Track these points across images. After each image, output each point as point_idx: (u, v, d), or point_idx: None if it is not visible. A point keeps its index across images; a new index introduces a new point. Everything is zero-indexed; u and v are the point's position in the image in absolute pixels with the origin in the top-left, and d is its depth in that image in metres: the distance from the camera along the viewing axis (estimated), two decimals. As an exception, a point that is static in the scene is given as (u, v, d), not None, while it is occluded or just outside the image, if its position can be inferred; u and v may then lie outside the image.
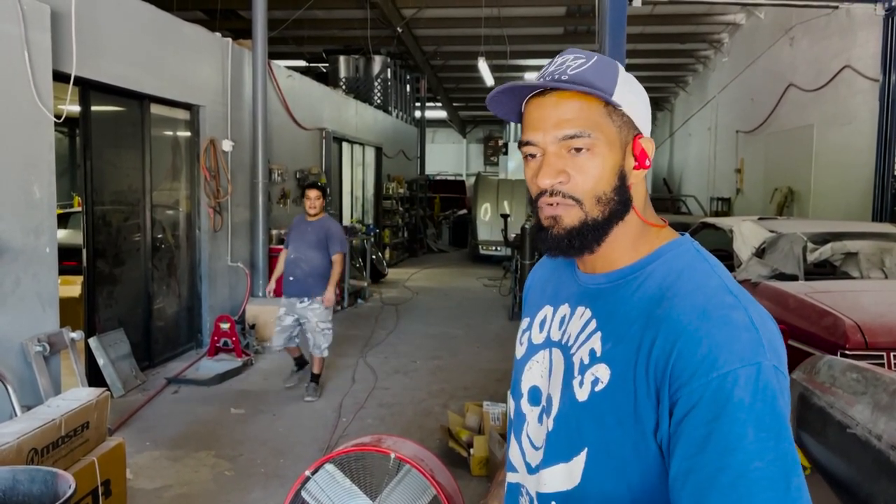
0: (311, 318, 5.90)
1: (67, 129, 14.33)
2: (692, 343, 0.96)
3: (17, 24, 4.42)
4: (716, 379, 0.93)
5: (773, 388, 0.94)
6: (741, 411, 0.91)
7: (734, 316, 0.98)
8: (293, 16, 11.63)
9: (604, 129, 1.06)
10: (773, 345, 0.97)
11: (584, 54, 1.09)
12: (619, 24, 6.19)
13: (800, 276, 5.05)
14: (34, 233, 4.65)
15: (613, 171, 1.07)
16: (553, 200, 1.08)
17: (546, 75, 1.09)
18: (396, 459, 2.61)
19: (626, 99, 1.08)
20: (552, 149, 1.07)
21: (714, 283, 1.03)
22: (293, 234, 6.03)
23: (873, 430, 2.65)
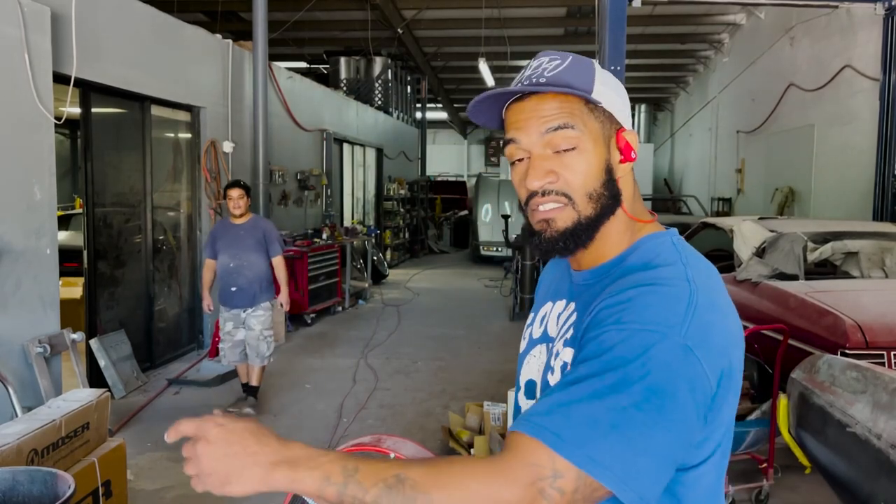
0: (254, 325, 5.51)
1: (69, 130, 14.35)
2: (611, 304, 0.97)
3: (18, 25, 4.42)
4: (612, 330, 0.93)
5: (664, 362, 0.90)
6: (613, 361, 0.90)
7: (668, 293, 0.96)
8: (294, 17, 11.64)
9: (587, 124, 1.07)
10: (701, 331, 0.94)
11: (559, 55, 1.10)
12: (619, 24, 6.20)
13: (800, 275, 5.05)
14: (35, 234, 4.66)
15: (601, 167, 1.07)
16: (545, 200, 1.07)
17: (524, 80, 1.09)
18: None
19: (604, 95, 1.08)
20: (538, 150, 1.07)
21: (674, 269, 1.02)
22: (222, 240, 5.51)
23: (873, 429, 2.65)
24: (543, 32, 14.57)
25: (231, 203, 5.44)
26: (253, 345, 5.52)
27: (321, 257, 9.28)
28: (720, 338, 0.97)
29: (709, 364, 0.94)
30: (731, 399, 1.02)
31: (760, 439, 4.04)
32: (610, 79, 1.11)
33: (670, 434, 0.89)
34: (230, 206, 5.47)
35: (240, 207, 5.43)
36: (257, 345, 5.52)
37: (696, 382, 0.92)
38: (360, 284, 10.98)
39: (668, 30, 14.21)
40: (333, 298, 9.72)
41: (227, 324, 5.56)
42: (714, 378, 0.96)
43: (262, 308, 5.53)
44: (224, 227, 5.60)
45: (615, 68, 6.17)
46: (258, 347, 5.53)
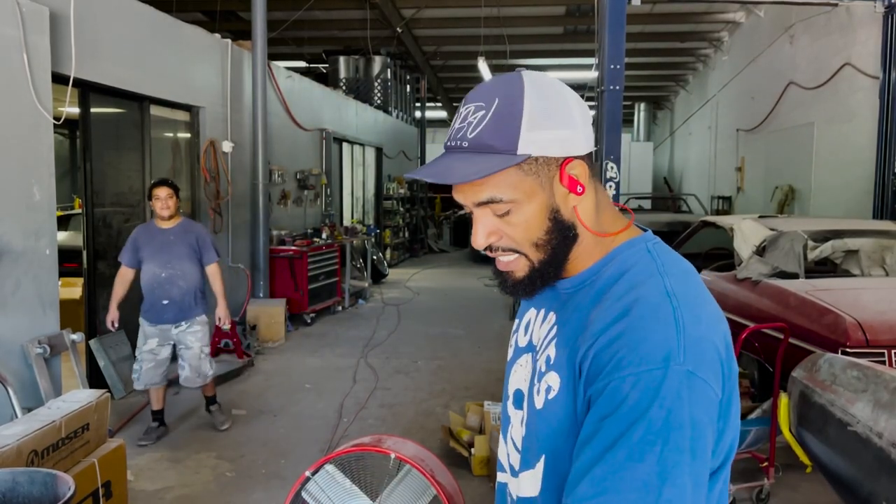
0: (192, 343, 4.97)
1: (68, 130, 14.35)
2: (605, 344, 0.97)
3: (16, 26, 4.42)
4: (617, 379, 0.94)
5: (676, 393, 0.91)
6: (633, 413, 0.91)
7: (653, 317, 0.96)
8: (293, 17, 11.63)
9: (517, 186, 1.03)
10: (695, 349, 0.95)
11: (485, 100, 1.03)
12: (619, 22, 6.19)
13: (800, 274, 5.04)
14: (34, 235, 4.65)
15: (543, 216, 1.05)
16: (497, 255, 1.10)
17: (452, 137, 1.05)
18: (396, 459, 2.61)
19: (535, 142, 1.02)
20: (477, 212, 1.07)
21: (653, 284, 1.01)
22: (148, 247, 4.89)
23: (874, 428, 2.65)
24: (543, 31, 14.56)
25: (158, 203, 4.86)
26: (194, 365, 4.99)
27: (321, 257, 9.28)
28: (711, 348, 0.97)
29: (712, 379, 0.95)
30: (735, 398, 1.03)
31: (761, 438, 4.04)
32: (546, 109, 1.03)
33: (702, 460, 0.93)
34: (157, 208, 4.88)
35: (168, 208, 4.86)
36: (199, 364, 5.01)
37: (708, 403, 0.95)
38: (360, 284, 10.98)
39: (667, 28, 14.21)
40: (333, 298, 9.72)
41: (150, 341, 4.93)
42: (718, 388, 0.97)
43: (198, 323, 5.00)
44: (149, 232, 4.97)
45: (615, 67, 6.16)
46: (200, 367, 5.01)
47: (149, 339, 4.94)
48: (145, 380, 4.94)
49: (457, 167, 1.02)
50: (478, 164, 1.01)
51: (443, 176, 1.02)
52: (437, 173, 1.03)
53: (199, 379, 5.04)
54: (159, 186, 4.92)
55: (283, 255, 8.75)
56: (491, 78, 1.10)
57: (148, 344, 4.94)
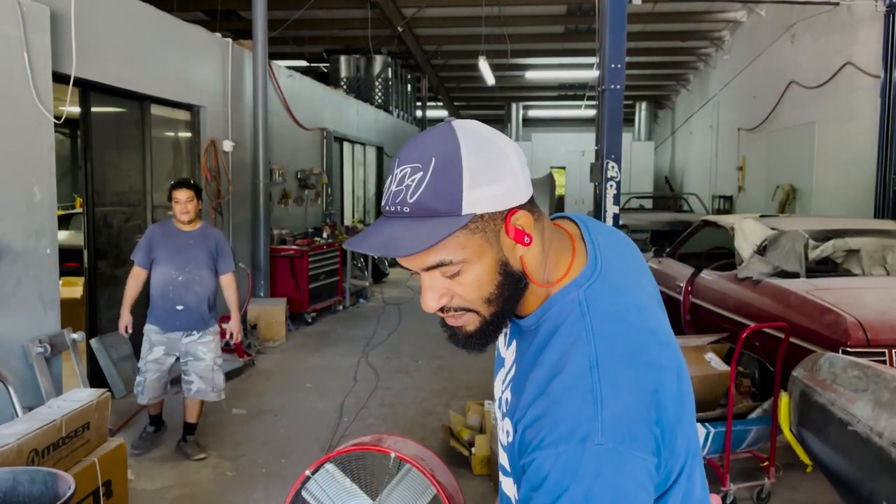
0: (204, 354, 4.63)
1: (68, 130, 14.36)
2: (531, 421, 0.99)
3: (17, 25, 4.42)
4: (539, 457, 0.95)
5: (595, 472, 0.92)
6: (556, 489, 0.93)
7: (573, 396, 0.96)
8: (294, 16, 11.63)
9: (466, 246, 1.01)
10: (615, 424, 0.94)
11: (421, 160, 0.99)
12: (620, 22, 6.18)
13: (801, 273, 5.04)
14: (35, 234, 4.65)
15: (492, 271, 1.04)
16: (447, 316, 1.09)
17: (390, 202, 1.01)
18: (397, 459, 2.61)
19: (479, 199, 0.99)
20: (425, 276, 1.05)
21: (577, 350, 1.00)
22: (164, 248, 4.60)
23: (874, 427, 2.64)
24: (544, 30, 14.55)
25: (178, 207, 4.53)
26: (206, 377, 4.64)
27: (322, 256, 9.28)
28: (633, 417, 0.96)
29: (639, 447, 0.95)
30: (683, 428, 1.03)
31: (762, 438, 4.04)
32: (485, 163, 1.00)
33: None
34: (177, 211, 4.55)
35: (188, 213, 4.54)
36: (212, 377, 4.66)
37: (636, 471, 0.95)
38: (361, 283, 10.98)
39: (668, 27, 14.19)
40: (334, 297, 9.72)
41: (157, 349, 4.59)
42: (649, 451, 0.96)
43: (211, 333, 4.69)
44: (167, 232, 4.65)
45: (615, 66, 6.16)
46: (213, 379, 4.67)
47: (155, 347, 4.60)
48: (150, 394, 4.62)
49: (401, 237, 0.98)
50: (422, 231, 0.97)
51: (388, 249, 0.98)
52: (382, 245, 0.99)
53: (213, 393, 4.69)
54: (179, 188, 4.55)
55: (283, 254, 8.75)
56: (421, 134, 1.05)
57: (154, 353, 4.60)
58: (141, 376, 4.63)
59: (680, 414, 1.02)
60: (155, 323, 4.61)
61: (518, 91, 21.57)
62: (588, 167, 6.73)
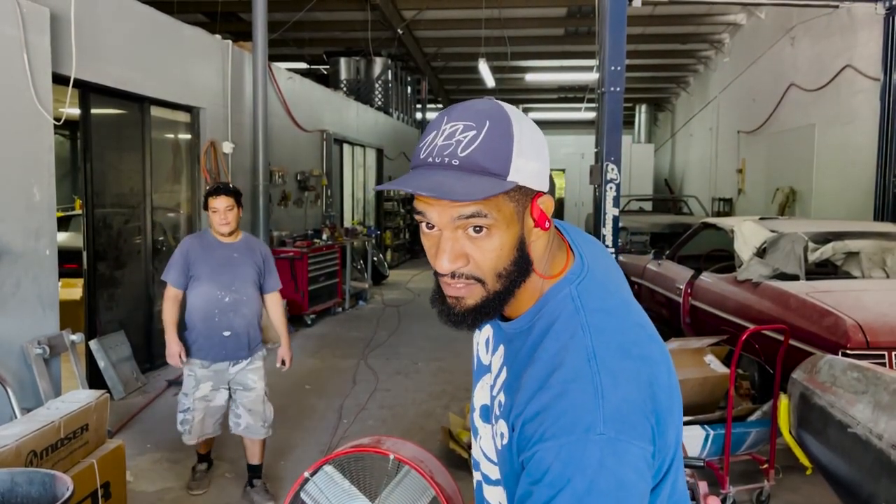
0: (255, 383, 4.06)
1: (68, 131, 14.36)
2: (531, 415, 0.99)
3: (16, 26, 4.42)
4: (541, 450, 0.96)
5: (598, 462, 0.93)
6: (558, 482, 0.94)
7: (573, 387, 0.97)
8: (294, 18, 11.64)
9: (501, 208, 1.02)
10: (615, 415, 0.95)
11: (476, 120, 1.01)
12: (620, 24, 6.19)
13: (801, 275, 5.04)
14: (34, 235, 4.65)
15: (513, 245, 1.04)
16: (455, 282, 1.06)
17: (435, 154, 1.01)
18: (395, 461, 2.61)
19: (522, 169, 1.01)
20: (448, 231, 1.03)
21: (575, 344, 1.01)
22: (205, 264, 3.93)
23: (874, 430, 2.64)
24: (544, 33, 14.56)
25: (216, 217, 3.89)
26: (256, 410, 4.06)
27: (321, 258, 9.28)
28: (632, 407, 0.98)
29: (638, 437, 0.97)
30: (674, 420, 1.04)
31: (761, 440, 4.03)
32: (529, 139, 1.03)
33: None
34: (215, 221, 3.90)
35: (229, 223, 3.91)
36: (262, 409, 4.09)
37: (636, 461, 0.96)
38: (361, 285, 10.98)
39: (668, 30, 14.20)
40: (334, 299, 9.72)
41: (204, 385, 3.97)
42: (647, 441, 0.98)
43: (259, 358, 4.14)
44: (205, 245, 3.99)
45: (615, 68, 6.16)
46: (264, 412, 4.10)
47: (201, 383, 3.95)
48: (198, 432, 4.02)
49: (452, 184, 0.98)
50: (473, 184, 0.98)
51: (440, 191, 0.98)
52: (432, 187, 0.99)
53: (263, 428, 4.10)
54: (217, 195, 3.89)
55: (283, 256, 8.75)
56: (469, 101, 1.06)
57: (200, 389, 3.95)
58: (187, 414, 3.98)
59: (671, 406, 1.03)
60: (197, 355, 3.94)
61: (518, 93, 21.58)
62: (588, 169, 6.73)
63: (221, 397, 4.02)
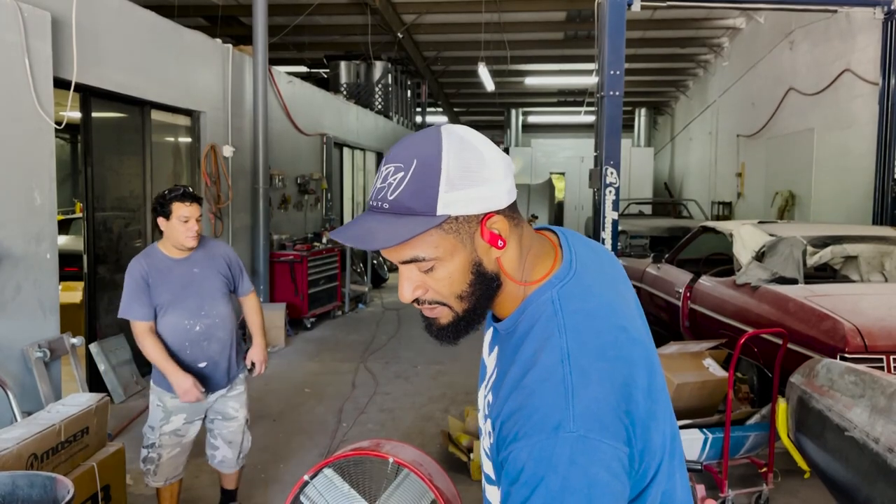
0: (237, 412, 3.59)
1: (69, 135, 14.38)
2: (507, 415, 1.03)
3: (18, 31, 4.44)
4: (515, 450, 0.99)
5: (569, 460, 0.95)
6: (532, 480, 0.96)
7: (544, 387, 1.00)
8: (294, 22, 11.67)
9: (439, 245, 1.06)
10: (586, 413, 0.97)
11: (404, 161, 1.05)
12: (619, 28, 6.21)
13: (799, 279, 5.05)
14: (35, 239, 4.66)
15: (465, 269, 1.09)
16: (422, 307, 1.13)
17: (374, 197, 1.08)
18: (395, 464, 2.62)
19: (453, 201, 1.04)
20: (402, 268, 1.11)
21: (550, 346, 1.04)
22: (165, 289, 3.33)
23: (871, 433, 2.65)
24: (543, 37, 14.59)
25: (183, 229, 3.31)
26: (235, 441, 3.61)
27: (321, 261, 9.29)
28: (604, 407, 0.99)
29: (610, 436, 0.98)
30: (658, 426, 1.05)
31: (760, 443, 4.04)
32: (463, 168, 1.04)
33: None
34: (180, 234, 3.31)
35: (195, 237, 3.36)
36: (240, 440, 3.63)
37: (608, 460, 0.97)
38: (360, 288, 10.99)
39: (667, 34, 14.23)
40: (333, 302, 9.73)
41: (176, 418, 3.42)
42: (620, 440, 0.99)
43: (240, 383, 3.62)
44: (158, 265, 3.37)
45: (615, 72, 6.19)
46: (242, 443, 3.65)
47: (172, 416, 3.41)
48: (167, 473, 3.46)
49: (378, 231, 1.04)
50: (398, 227, 1.03)
51: (364, 241, 1.05)
52: (359, 237, 1.05)
53: (239, 460, 3.68)
54: (186, 202, 3.31)
55: (283, 259, 8.77)
56: (411, 135, 1.10)
57: (171, 423, 3.42)
58: (152, 451, 3.41)
59: (652, 409, 1.04)
60: (168, 387, 3.36)
61: (518, 97, 21.62)
62: (587, 173, 6.75)
63: (195, 429, 3.52)
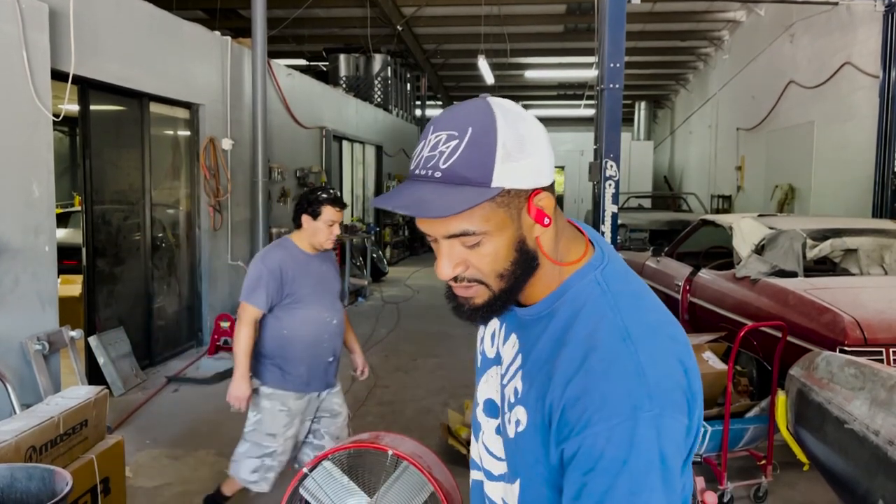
0: (341, 407, 3.59)
1: (67, 128, 14.35)
2: (572, 399, 0.98)
3: (16, 23, 4.42)
4: (590, 436, 0.96)
5: (649, 440, 0.94)
6: (613, 465, 0.94)
7: (615, 368, 0.98)
8: (293, 14, 11.63)
9: (490, 219, 1.02)
10: (659, 390, 0.96)
11: (458, 128, 1.00)
12: (619, 21, 6.19)
13: (799, 272, 5.05)
14: (33, 232, 4.65)
15: (511, 247, 1.05)
16: (458, 285, 1.09)
17: (421, 165, 1.02)
18: (394, 456, 2.61)
19: (508, 173, 1.00)
20: (444, 243, 1.05)
21: (606, 325, 1.02)
22: (305, 282, 3.35)
23: (871, 426, 2.65)
24: (543, 30, 14.55)
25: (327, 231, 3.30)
26: (343, 436, 3.56)
27: (320, 255, 9.27)
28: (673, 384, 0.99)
29: (679, 413, 0.98)
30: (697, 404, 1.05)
31: (759, 436, 4.04)
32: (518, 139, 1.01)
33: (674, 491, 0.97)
34: (322, 236, 3.32)
35: (333, 240, 3.37)
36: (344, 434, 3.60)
37: (677, 436, 0.98)
38: (360, 282, 10.98)
39: (668, 27, 14.20)
40: (333, 296, 9.71)
41: (296, 421, 3.41)
42: (685, 415, 0.99)
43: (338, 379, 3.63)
44: (296, 258, 3.35)
45: (615, 65, 6.16)
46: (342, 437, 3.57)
47: (295, 418, 3.39)
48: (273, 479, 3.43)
49: (431, 200, 0.99)
50: (452, 197, 0.98)
51: (419, 209, 0.99)
52: (410, 205, 1.00)
53: None
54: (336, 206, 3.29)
55: (282, 252, 8.74)
56: (457, 105, 1.06)
57: (294, 426, 3.39)
58: (272, 459, 3.37)
59: (698, 388, 1.04)
60: (296, 388, 3.34)
61: (517, 90, 21.56)
62: (587, 166, 6.73)
63: (303, 431, 3.50)
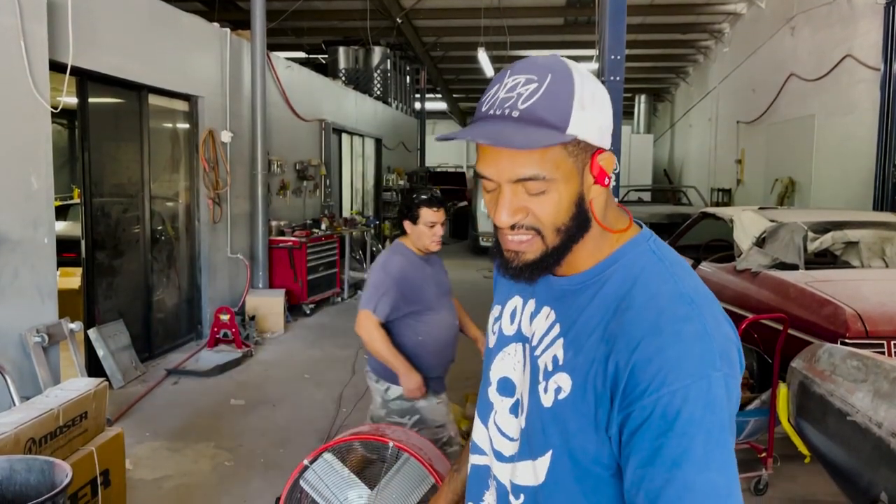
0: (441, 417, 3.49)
1: (66, 120, 14.31)
2: (644, 360, 0.97)
3: (14, 14, 4.39)
4: (666, 395, 0.95)
5: (722, 399, 0.97)
6: (690, 426, 0.94)
7: (686, 329, 0.99)
8: (292, 7, 11.58)
9: (560, 166, 1.02)
10: (725, 353, 0.99)
11: (537, 73, 1.02)
12: (619, 14, 6.16)
13: (800, 265, 5.04)
14: (32, 224, 4.64)
15: (572, 201, 1.05)
16: (514, 233, 1.07)
17: (496, 106, 1.02)
18: (395, 448, 2.61)
19: (582, 123, 1.01)
20: (508, 188, 1.04)
21: (668, 290, 1.03)
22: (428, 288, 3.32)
23: (873, 418, 2.64)
24: (543, 22, 14.52)
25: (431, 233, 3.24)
26: None
27: (320, 248, 9.27)
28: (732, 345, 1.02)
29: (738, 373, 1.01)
30: None
31: (760, 428, 4.04)
32: (591, 94, 1.03)
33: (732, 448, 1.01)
34: (426, 238, 3.25)
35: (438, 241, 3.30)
36: None
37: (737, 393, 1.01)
38: (360, 275, 10.97)
39: (668, 19, 14.16)
40: (332, 289, 9.71)
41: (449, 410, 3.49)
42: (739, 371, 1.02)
43: None
44: (416, 262, 3.29)
45: (615, 58, 6.14)
46: None
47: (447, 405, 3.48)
48: None
49: (512, 133, 0.98)
50: (532, 134, 0.98)
51: (499, 139, 0.98)
52: (491, 136, 0.99)
53: None
54: (435, 207, 3.23)
55: (282, 245, 8.74)
56: (534, 56, 1.07)
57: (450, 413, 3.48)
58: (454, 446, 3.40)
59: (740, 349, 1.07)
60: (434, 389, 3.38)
61: (517, 83, 21.49)
62: (587, 159, 6.71)
63: None
